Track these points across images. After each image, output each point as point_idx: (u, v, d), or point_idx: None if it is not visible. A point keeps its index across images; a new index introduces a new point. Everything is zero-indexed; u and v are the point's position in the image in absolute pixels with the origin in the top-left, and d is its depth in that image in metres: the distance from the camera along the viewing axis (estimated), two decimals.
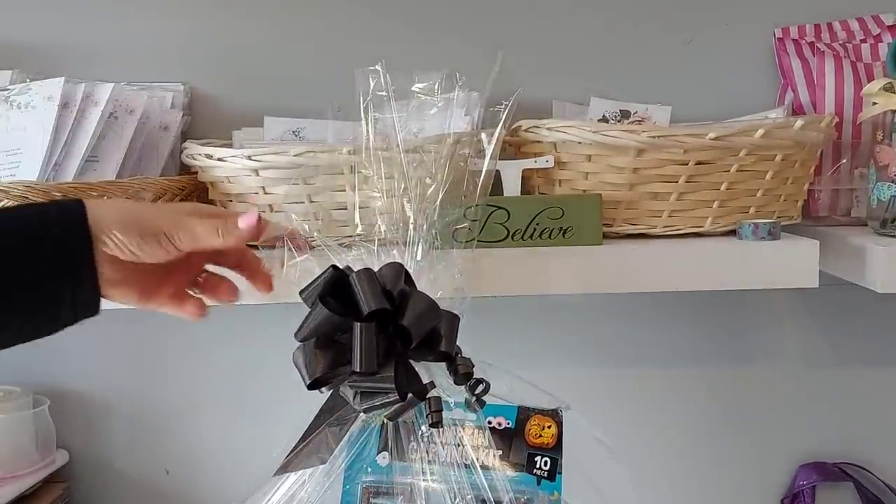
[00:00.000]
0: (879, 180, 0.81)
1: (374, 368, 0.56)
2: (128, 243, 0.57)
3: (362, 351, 0.56)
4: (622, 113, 0.95)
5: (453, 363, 0.62)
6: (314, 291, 0.58)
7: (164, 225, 0.59)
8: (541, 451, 0.70)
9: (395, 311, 0.58)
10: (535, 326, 1.07)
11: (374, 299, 0.57)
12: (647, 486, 1.10)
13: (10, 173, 0.80)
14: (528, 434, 0.70)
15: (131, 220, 0.58)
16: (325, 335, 0.58)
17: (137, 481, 1.12)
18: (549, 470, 0.70)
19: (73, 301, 0.57)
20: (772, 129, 0.78)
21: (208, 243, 0.61)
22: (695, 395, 1.09)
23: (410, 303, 0.58)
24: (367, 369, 0.56)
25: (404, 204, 0.64)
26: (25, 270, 0.54)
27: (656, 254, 0.77)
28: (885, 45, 0.97)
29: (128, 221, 0.57)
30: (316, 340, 0.58)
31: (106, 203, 0.60)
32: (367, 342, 0.56)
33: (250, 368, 1.07)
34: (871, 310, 1.06)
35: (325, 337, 0.58)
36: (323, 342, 0.58)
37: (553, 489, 0.69)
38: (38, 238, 0.54)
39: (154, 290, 0.65)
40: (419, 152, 0.67)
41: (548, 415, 0.71)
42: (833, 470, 1.07)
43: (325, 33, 1.02)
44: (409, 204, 0.64)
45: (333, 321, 0.57)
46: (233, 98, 1.03)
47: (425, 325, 0.58)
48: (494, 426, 0.70)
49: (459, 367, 0.61)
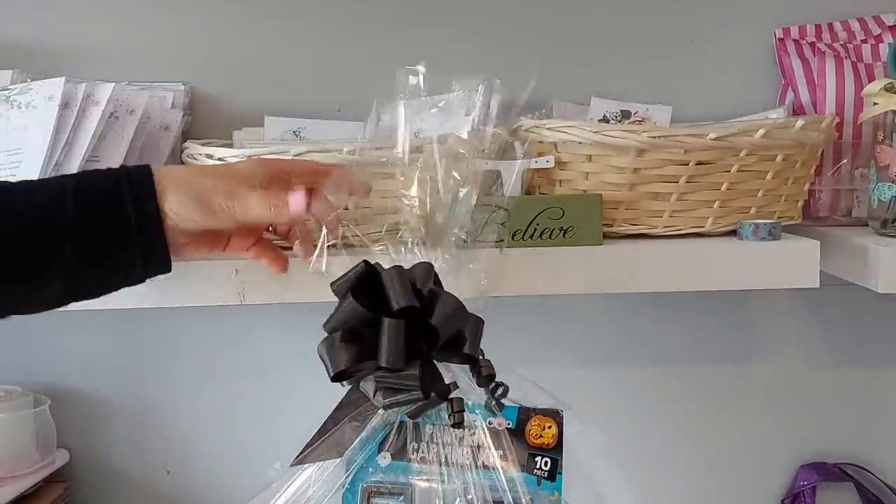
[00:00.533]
0: (880, 180, 0.81)
1: (400, 365, 0.56)
2: (185, 210, 0.59)
3: (390, 346, 0.56)
4: (623, 113, 0.95)
5: (476, 365, 0.62)
6: (345, 284, 0.59)
7: (220, 195, 0.61)
8: (541, 451, 0.70)
9: (424, 310, 0.58)
10: (535, 326, 1.07)
11: (404, 296, 0.57)
12: (648, 487, 1.10)
13: (11, 173, 0.80)
14: (528, 434, 0.70)
15: (190, 187, 0.60)
16: (352, 329, 0.58)
17: (138, 481, 1.12)
18: (550, 470, 0.70)
19: (144, 259, 0.59)
20: (772, 129, 0.78)
21: (260, 219, 0.62)
22: (695, 394, 1.09)
23: (439, 303, 0.58)
24: (394, 365, 0.56)
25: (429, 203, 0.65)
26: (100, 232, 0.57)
27: (657, 254, 0.77)
28: (885, 45, 0.97)
29: (187, 188, 0.60)
30: (342, 334, 0.58)
31: (170, 169, 0.62)
32: (395, 338, 0.56)
33: (251, 369, 1.07)
34: (872, 310, 1.06)
35: (351, 331, 0.58)
36: (348, 336, 0.58)
37: (553, 489, 0.69)
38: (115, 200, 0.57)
39: (222, 247, 0.68)
40: (419, 151, 0.67)
41: (548, 415, 0.71)
42: (833, 470, 1.07)
43: (326, 34, 1.02)
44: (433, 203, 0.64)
45: (362, 315, 0.57)
46: (233, 98, 1.03)
47: (453, 325, 0.59)
48: (495, 426, 0.70)
49: (483, 368, 0.62)
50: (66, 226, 0.55)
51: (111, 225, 0.57)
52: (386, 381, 0.58)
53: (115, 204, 0.57)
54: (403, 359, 0.57)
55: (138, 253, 0.58)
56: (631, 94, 0.96)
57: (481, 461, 0.68)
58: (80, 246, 0.56)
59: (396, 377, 0.57)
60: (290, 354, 1.00)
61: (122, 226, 0.57)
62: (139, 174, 0.60)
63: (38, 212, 0.55)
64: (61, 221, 0.55)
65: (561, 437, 0.70)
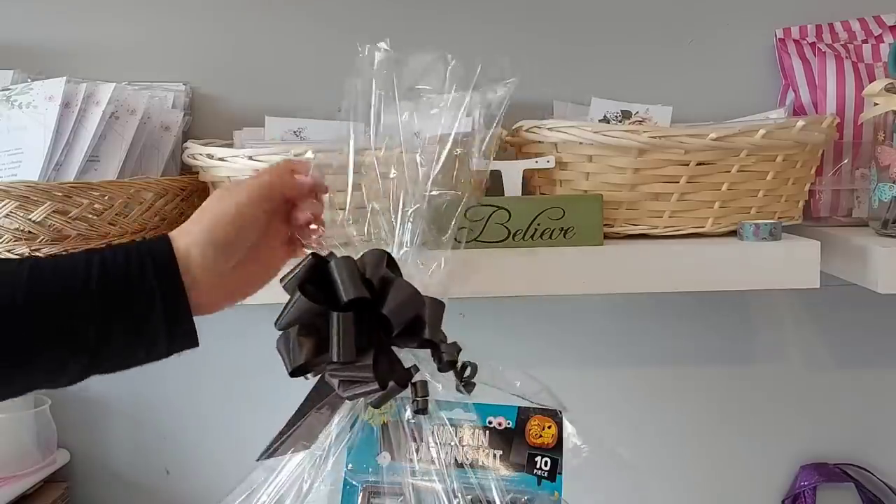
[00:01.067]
0: (880, 181, 0.81)
1: (351, 358, 0.55)
2: (222, 262, 0.59)
3: (340, 341, 0.55)
4: (623, 113, 0.95)
5: (437, 351, 0.60)
6: (294, 280, 0.57)
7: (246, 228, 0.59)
8: (541, 451, 0.70)
9: (376, 300, 0.57)
10: (535, 327, 1.07)
11: (352, 288, 0.56)
12: (648, 487, 1.10)
13: (12, 173, 0.80)
14: (528, 434, 0.70)
15: (217, 243, 0.58)
16: (308, 323, 0.57)
17: (138, 481, 1.12)
18: (550, 470, 0.70)
19: (170, 334, 0.58)
20: (773, 129, 0.78)
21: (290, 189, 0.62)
22: (696, 395, 1.09)
23: (392, 291, 0.57)
24: (346, 359, 0.55)
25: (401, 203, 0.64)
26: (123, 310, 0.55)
27: (657, 254, 0.77)
28: (886, 45, 0.97)
29: (215, 245, 0.58)
30: (298, 328, 0.57)
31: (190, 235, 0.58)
32: (344, 332, 0.55)
33: (251, 368, 1.07)
34: (873, 310, 1.06)
35: (307, 324, 0.57)
36: (305, 329, 0.57)
37: (553, 489, 0.69)
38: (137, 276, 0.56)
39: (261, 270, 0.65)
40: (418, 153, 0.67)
41: (548, 415, 0.71)
42: (834, 471, 1.07)
43: (327, 34, 1.02)
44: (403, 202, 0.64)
45: (313, 310, 0.56)
46: (234, 98, 1.03)
47: (406, 313, 0.57)
48: (495, 426, 0.70)
49: (444, 354, 0.60)
50: (90, 303, 0.54)
51: (134, 302, 0.56)
52: (342, 374, 0.57)
53: (137, 280, 0.56)
54: (354, 353, 0.55)
55: (163, 330, 0.57)
56: (631, 95, 0.96)
57: (481, 461, 0.68)
58: (104, 325, 0.55)
59: (351, 370, 0.56)
60: None
61: (144, 302, 0.56)
62: (160, 249, 0.57)
63: (60, 289, 0.54)
64: (86, 299, 0.54)
65: (561, 436, 0.70)
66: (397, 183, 0.64)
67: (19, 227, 0.71)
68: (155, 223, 0.84)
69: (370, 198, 0.65)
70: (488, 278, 0.76)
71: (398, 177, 0.64)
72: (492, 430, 0.70)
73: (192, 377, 1.10)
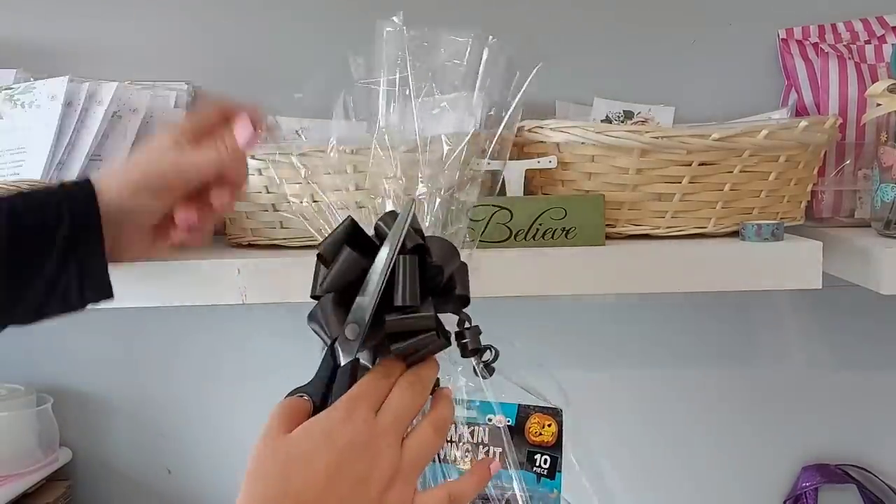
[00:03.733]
0: (883, 182, 0.81)
1: (416, 301, 0.53)
2: (142, 208, 0.60)
3: (407, 283, 0.52)
4: (625, 113, 0.95)
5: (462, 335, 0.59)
6: (335, 241, 0.55)
7: (169, 175, 0.61)
8: (541, 448, 0.70)
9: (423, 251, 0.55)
10: (537, 327, 1.07)
11: (411, 235, 0.54)
12: (649, 487, 1.10)
13: (14, 172, 0.80)
14: (528, 432, 0.71)
15: (138, 189, 0.60)
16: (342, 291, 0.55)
17: (139, 480, 1.12)
18: (549, 468, 0.70)
19: (81, 287, 0.58)
20: (775, 130, 0.78)
21: (214, 169, 0.63)
22: (697, 395, 1.09)
23: (432, 245, 0.56)
24: (412, 301, 0.52)
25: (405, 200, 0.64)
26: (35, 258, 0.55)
27: (659, 255, 0.77)
28: (889, 46, 0.97)
29: (135, 190, 0.60)
30: (333, 296, 0.56)
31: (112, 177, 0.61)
32: (411, 274, 0.53)
33: (252, 368, 1.07)
34: (875, 311, 1.06)
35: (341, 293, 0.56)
36: (339, 298, 0.56)
37: (553, 487, 0.70)
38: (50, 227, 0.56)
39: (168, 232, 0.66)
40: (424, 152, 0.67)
41: (548, 413, 0.71)
42: (836, 472, 1.07)
43: (330, 33, 1.02)
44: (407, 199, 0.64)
45: (361, 265, 0.53)
46: (236, 97, 1.03)
47: (451, 265, 0.56)
48: (495, 424, 0.70)
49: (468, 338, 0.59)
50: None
51: (44, 244, 0.56)
52: (400, 324, 0.53)
53: (50, 223, 0.56)
54: (419, 295, 0.53)
55: (74, 274, 0.57)
56: (634, 95, 0.96)
57: (480, 458, 0.68)
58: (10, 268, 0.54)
59: (412, 320, 0.53)
60: (292, 354, 1.00)
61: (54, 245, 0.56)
62: (82, 193, 0.58)
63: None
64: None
65: (561, 434, 0.70)
66: (398, 183, 0.64)
67: None
68: None
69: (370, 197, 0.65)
70: (490, 278, 0.76)
71: (399, 177, 0.64)
72: (491, 428, 0.70)
73: (194, 377, 1.10)
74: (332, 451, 0.48)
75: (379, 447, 0.49)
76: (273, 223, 0.83)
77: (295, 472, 0.47)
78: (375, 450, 0.49)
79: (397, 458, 0.50)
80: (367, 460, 0.48)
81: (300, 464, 0.48)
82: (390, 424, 0.50)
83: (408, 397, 0.52)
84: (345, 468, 0.48)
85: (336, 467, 0.47)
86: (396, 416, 0.51)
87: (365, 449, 0.49)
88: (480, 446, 0.68)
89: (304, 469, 0.47)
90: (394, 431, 0.50)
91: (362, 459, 0.48)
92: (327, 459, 0.48)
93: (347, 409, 0.50)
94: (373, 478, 0.48)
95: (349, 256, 0.53)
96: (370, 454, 0.49)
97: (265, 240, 0.84)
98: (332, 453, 0.48)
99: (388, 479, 0.49)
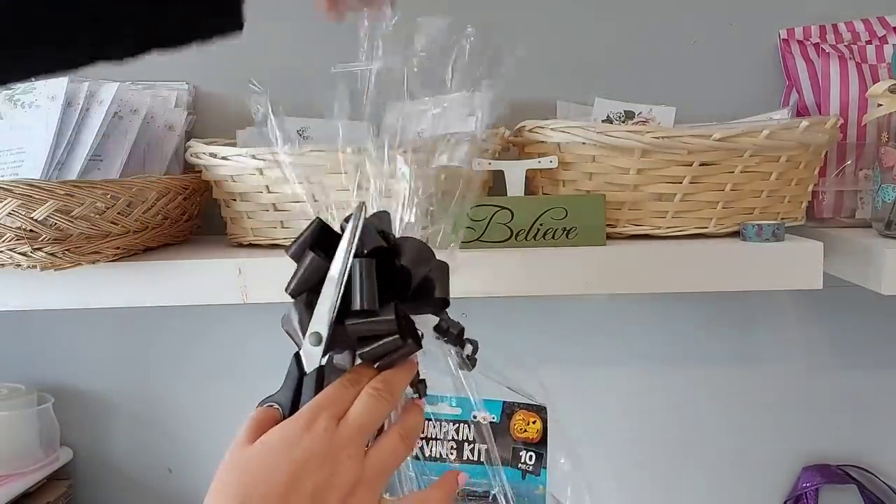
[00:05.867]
0: (884, 182, 0.81)
1: (374, 305, 0.52)
2: None
3: (363, 286, 0.52)
4: (626, 114, 0.95)
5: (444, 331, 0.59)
6: (301, 244, 0.55)
7: None
8: (525, 445, 0.70)
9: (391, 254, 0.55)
10: (538, 327, 1.07)
11: (370, 237, 0.54)
12: (649, 488, 1.10)
13: (14, 172, 0.80)
14: (513, 429, 0.71)
15: None
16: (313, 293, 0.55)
17: (140, 479, 1.12)
18: (534, 464, 0.70)
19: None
20: (776, 130, 0.78)
21: None
22: (698, 395, 1.09)
23: (405, 246, 0.55)
24: (369, 305, 0.52)
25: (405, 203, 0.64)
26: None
27: (660, 255, 0.77)
28: (890, 46, 0.97)
29: None
30: (305, 298, 0.55)
31: None
32: (367, 277, 0.52)
33: (254, 367, 1.07)
34: (876, 311, 1.06)
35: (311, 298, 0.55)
36: (309, 303, 0.55)
37: (538, 483, 0.70)
38: None
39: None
40: (422, 152, 0.67)
41: (533, 410, 0.71)
42: (836, 472, 1.07)
43: (331, 33, 1.02)
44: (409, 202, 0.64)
45: (325, 268, 0.54)
46: (237, 97, 1.03)
47: (422, 266, 0.55)
48: (479, 420, 0.70)
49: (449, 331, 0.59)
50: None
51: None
52: (362, 327, 0.53)
53: None
54: (377, 299, 0.52)
55: None
56: (634, 95, 0.96)
57: (465, 455, 0.68)
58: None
59: (372, 323, 0.53)
60: (292, 354, 1.00)
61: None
62: None
63: None
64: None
65: (545, 431, 0.71)
66: (399, 183, 0.64)
67: (21, 225, 0.71)
68: (157, 222, 0.85)
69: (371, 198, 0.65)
70: (491, 278, 0.76)
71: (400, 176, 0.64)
72: (476, 425, 0.70)
73: (195, 376, 1.10)
74: (291, 462, 0.48)
75: (339, 458, 0.49)
76: (274, 223, 0.83)
77: (253, 485, 0.47)
78: (335, 460, 0.48)
79: (359, 468, 0.49)
80: (327, 471, 0.48)
81: (258, 475, 0.47)
82: (352, 434, 0.50)
83: (371, 405, 0.51)
84: (303, 479, 0.47)
85: (294, 478, 0.47)
86: (358, 425, 0.50)
87: (324, 459, 0.48)
88: (466, 443, 0.69)
89: (263, 481, 0.47)
90: (356, 441, 0.50)
91: (321, 470, 0.48)
92: (286, 470, 0.47)
93: (308, 418, 0.50)
94: (333, 488, 0.48)
95: (312, 261, 0.54)
96: (329, 465, 0.48)
97: (266, 239, 0.84)
98: (291, 464, 0.47)
99: (348, 489, 0.48)
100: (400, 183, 0.65)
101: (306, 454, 0.48)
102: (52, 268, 0.74)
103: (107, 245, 0.78)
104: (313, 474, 0.48)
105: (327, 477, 0.48)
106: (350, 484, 0.48)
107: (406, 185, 0.63)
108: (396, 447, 0.52)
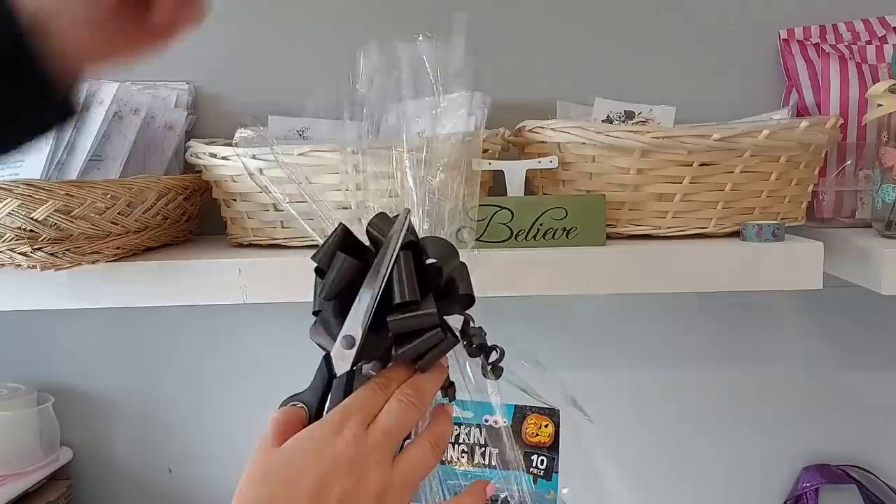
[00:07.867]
0: (884, 182, 0.81)
1: (415, 297, 0.51)
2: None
3: (403, 280, 0.51)
4: (626, 114, 0.95)
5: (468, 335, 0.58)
6: (329, 247, 0.54)
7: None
8: (537, 449, 0.70)
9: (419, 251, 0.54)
10: (537, 327, 1.07)
11: (402, 234, 0.53)
12: (650, 488, 1.10)
13: (13, 172, 0.80)
14: (524, 433, 0.70)
15: None
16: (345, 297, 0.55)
17: (140, 479, 1.12)
18: (546, 469, 0.70)
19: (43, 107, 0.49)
20: (776, 130, 0.78)
21: None
22: (697, 396, 1.09)
23: (429, 244, 0.55)
24: (410, 297, 0.51)
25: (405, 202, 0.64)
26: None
27: (660, 255, 0.77)
28: (890, 46, 0.97)
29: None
30: (333, 307, 0.55)
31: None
32: (406, 270, 0.51)
33: (254, 367, 1.07)
34: (876, 312, 1.06)
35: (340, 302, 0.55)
36: (339, 308, 0.54)
37: (550, 488, 0.69)
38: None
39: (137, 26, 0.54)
40: (422, 151, 0.67)
41: (545, 414, 0.71)
42: (837, 472, 1.07)
43: (331, 33, 1.02)
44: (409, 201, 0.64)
45: (357, 269, 0.52)
46: (237, 97, 1.03)
47: (451, 262, 0.55)
48: (491, 424, 0.70)
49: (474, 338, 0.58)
50: None
51: None
52: (403, 323, 0.52)
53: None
54: (417, 291, 0.51)
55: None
56: (635, 95, 0.96)
57: (477, 459, 0.68)
58: None
59: (414, 317, 0.52)
60: (294, 353, 1.00)
61: None
62: None
63: None
64: None
65: (558, 435, 0.70)
66: (399, 183, 0.64)
67: (21, 225, 0.71)
68: (157, 222, 0.85)
69: (371, 198, 0.65)
70: (491, 278, 0.76)
71: (400, 177, 0.64)
72: (488, 428, 0.70)
73: (196, 376, 1.10)
74: (319, 467, 0.47)
75: (367, 464, 0.48)
76: (274, 223, 0.83)
77: (280, 489, 0.47)
78: (363, 466, 0.48)
79: (387, 475, 0.49)
80: (354, 477, 0.48)
81: (286, 480, 0.47)
82: (380, 440, 0.49)
83: (401, 412, 0.51)
84: (331, 485, 0.47)
85: (322, 484, 0.47)
86: (387, 432, 0.50)
87: (351, 465, 0.48)
88: (477, 447, 0.68)
89: (290, 486, 0.47)
90: (384, 447, 0.49)
91: (349, 476, 0.47)
92: (314, 475, 0.47)
93: (338, 423, 0.49)
94: (360, 495, 0.47)
95: (344, 261, 0.53)
96: (357, 471, 0.48)
97: (266, 239, 0.84)
98: (319, 469, 0.47)
99: (376, 496, 0.48)
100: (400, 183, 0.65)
101: (334, 459, 0.48)
102: (53, 268, 0.74)
103: (107, 245, 0.78)
104: (341, 480, 0.47)
105: (355, 483, 0.47)
106: (378, 491, 0.48)
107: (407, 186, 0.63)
108: (426, 455, 0.52)
